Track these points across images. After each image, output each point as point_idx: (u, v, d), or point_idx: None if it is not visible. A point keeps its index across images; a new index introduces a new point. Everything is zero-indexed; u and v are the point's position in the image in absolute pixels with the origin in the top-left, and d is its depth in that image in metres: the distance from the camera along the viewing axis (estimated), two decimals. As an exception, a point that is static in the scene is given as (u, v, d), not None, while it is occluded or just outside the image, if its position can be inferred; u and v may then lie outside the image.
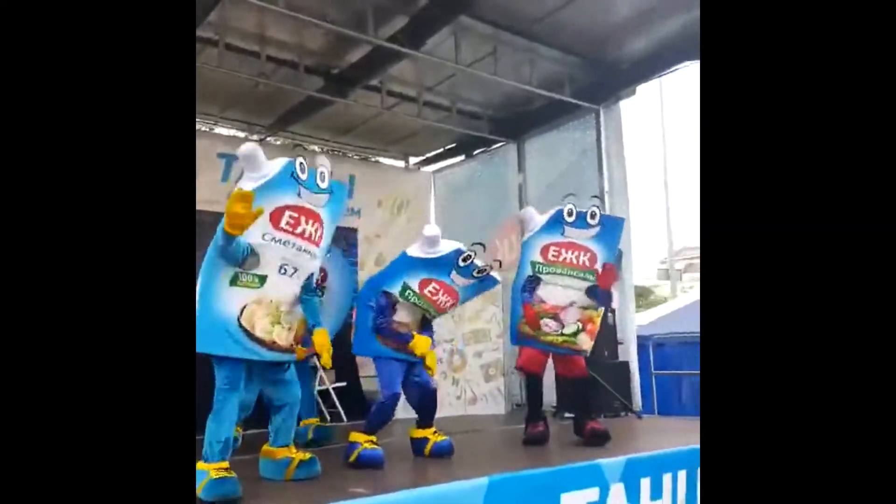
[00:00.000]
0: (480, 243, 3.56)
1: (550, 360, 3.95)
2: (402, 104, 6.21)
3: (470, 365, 5.67)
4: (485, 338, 5.65)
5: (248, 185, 2.54)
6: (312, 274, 2.76)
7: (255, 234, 2.54)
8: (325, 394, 5.11)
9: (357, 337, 3.52)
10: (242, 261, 2.52)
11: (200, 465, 2.43)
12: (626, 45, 5.40)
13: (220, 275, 2.53)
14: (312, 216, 2.65)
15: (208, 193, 6.10)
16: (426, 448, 3.43)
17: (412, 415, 3.64)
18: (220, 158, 6.39)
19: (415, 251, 3.50)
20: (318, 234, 2.70)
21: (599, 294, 3.74)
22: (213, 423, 2.53)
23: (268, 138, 6.98)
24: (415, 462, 3.39)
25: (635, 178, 6.04)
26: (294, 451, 2.80)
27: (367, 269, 6.36)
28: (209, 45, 5.05)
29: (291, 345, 2.73)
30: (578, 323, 3.74)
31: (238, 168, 2.67)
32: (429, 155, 7.77)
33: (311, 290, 2.78)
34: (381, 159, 7.82)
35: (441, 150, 7.59)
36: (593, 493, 2.78)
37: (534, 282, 3.77)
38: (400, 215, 7.35)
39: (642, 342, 6.17)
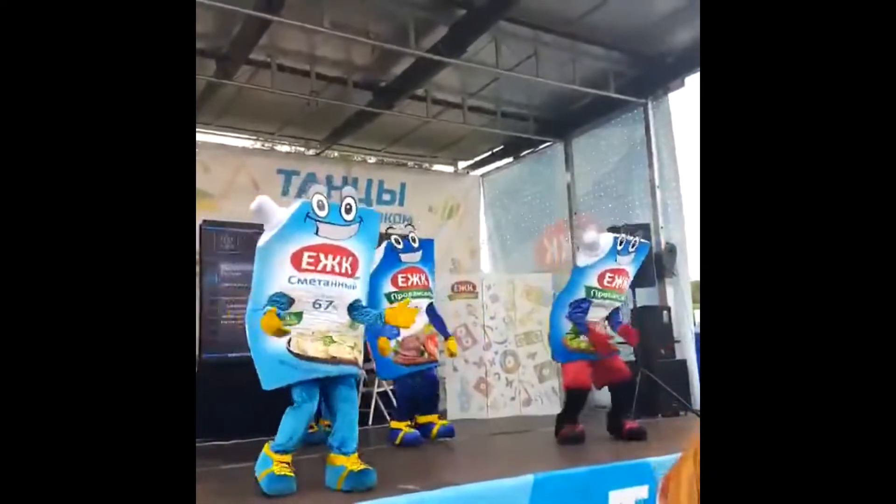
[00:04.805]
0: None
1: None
2: (448, 111, 6.33)
3: (523, 366, 5.70)
4: (537, 339, 5.66)
5: (265, 235, 2.75)
6: (357, 300, 2.88)
7: (282, 280, 2.71)
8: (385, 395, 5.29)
9: None
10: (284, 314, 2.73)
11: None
12: (670, 37, 5.30)
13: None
14: (332, 250, 2.76)
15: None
16: (432, 432, 4.01)
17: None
18: (279, 174, 6.74)
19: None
20: (347, 263, 2.79)
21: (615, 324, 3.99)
22: (287, 423, 2.73)
23: (324, 152, 7.28)
24: (466, 459, 3.48)
25: (689, 172, 5.89)
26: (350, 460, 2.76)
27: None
28: (263, 68, 5.34)
29: (355, 359, 2.84)
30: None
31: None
32: (477, 159, 7.85)
33: (361, 313, 2.89)
34: (431, 166, 7.95)
35: (488, 153, 7.66)
36: (642, 490, 2.77)
37: (584, 304, 3.88)
38: (450, 219, 7.48)
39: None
